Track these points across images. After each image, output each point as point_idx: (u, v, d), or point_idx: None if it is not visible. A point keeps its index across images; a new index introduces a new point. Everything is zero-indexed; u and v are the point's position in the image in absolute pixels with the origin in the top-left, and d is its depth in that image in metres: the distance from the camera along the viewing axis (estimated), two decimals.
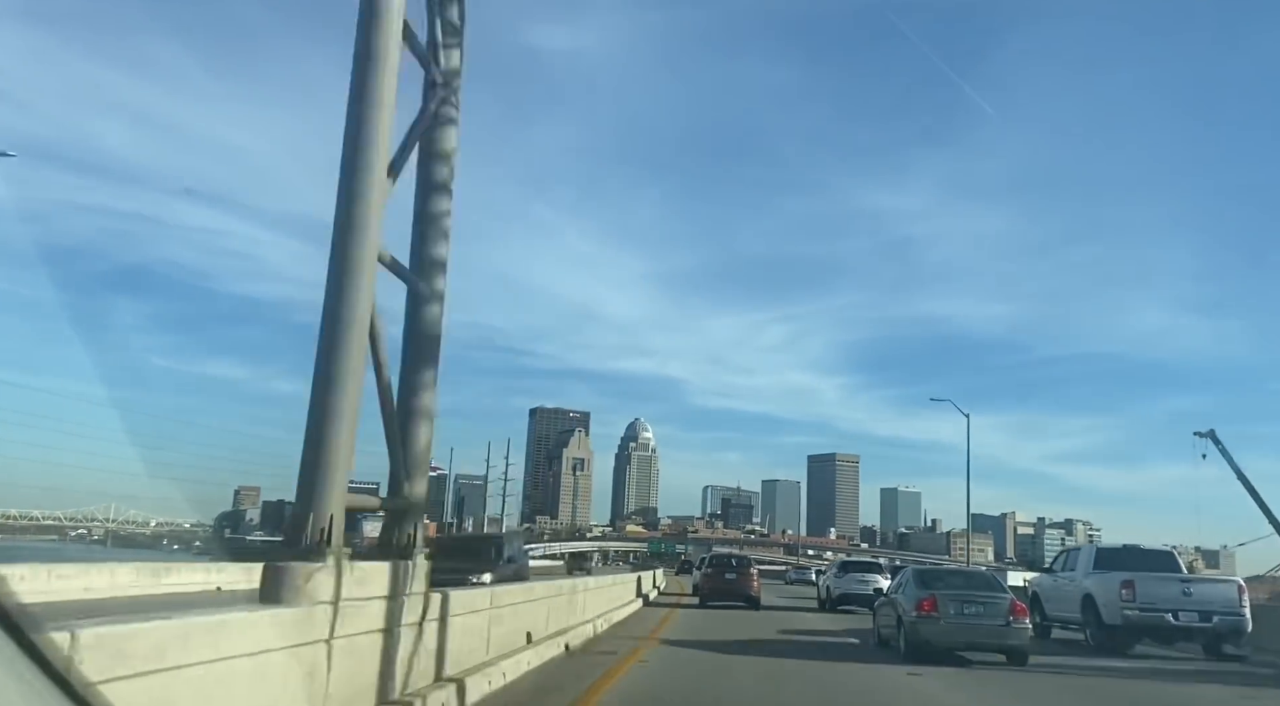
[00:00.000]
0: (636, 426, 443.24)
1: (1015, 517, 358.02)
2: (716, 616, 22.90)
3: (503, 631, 9.89)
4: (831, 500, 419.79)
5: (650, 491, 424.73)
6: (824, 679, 11.79)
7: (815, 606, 29.37)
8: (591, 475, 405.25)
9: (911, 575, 15.47)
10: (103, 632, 3.32)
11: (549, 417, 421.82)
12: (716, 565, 28.60)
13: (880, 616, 16.33)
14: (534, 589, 12.77)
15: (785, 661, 13.29)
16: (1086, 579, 17.33)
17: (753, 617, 22.92)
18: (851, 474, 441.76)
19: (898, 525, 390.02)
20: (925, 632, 13.69)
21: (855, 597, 26.22)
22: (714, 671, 11.98)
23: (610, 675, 10.79)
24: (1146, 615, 15.72)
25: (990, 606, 13.86)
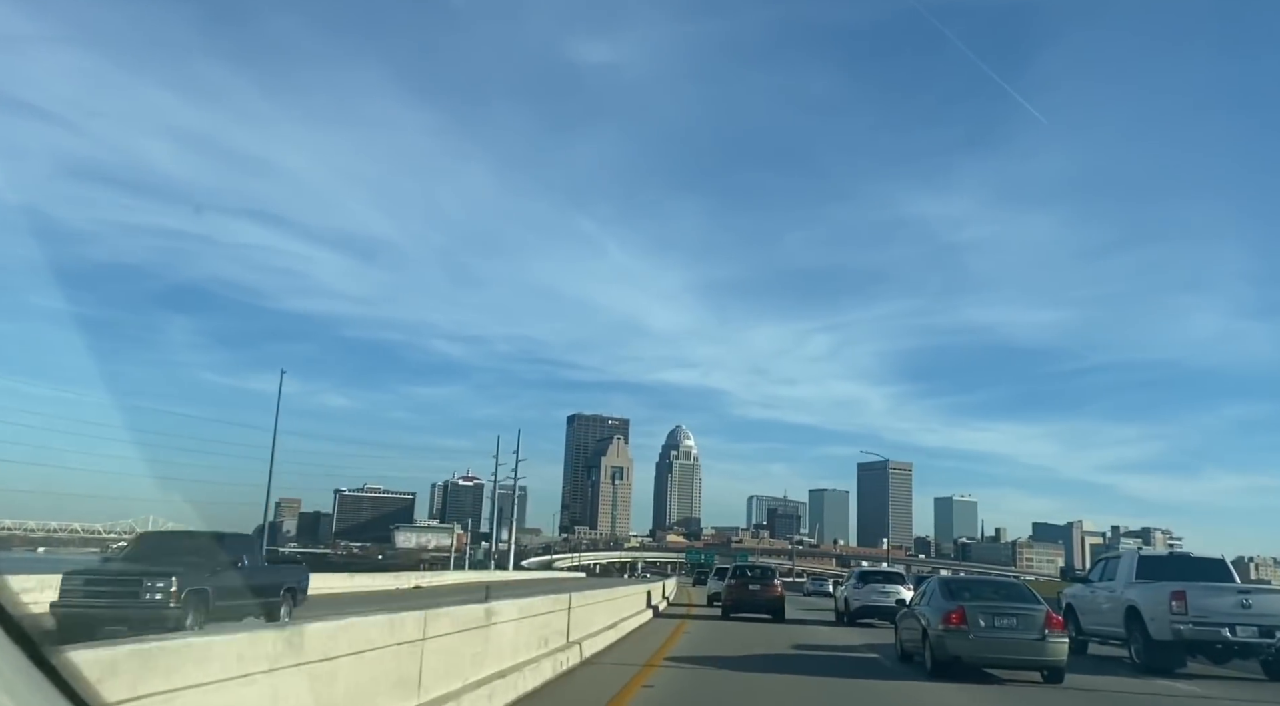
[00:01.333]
0: (678, 434, 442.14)
1: (1083, 527, 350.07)
2: (727, 630, 22.34)
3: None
4: (884, 510, 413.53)
5: (693, 501, 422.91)
6: (844, 697, 11.32)
7: (832, 619, 28.51)
8: (631, 484, 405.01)
9: (937, 585, 14.87)
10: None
11: (586, 425, 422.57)
12: (740, 576, 28.66)
13: (903, 629, 15.74)
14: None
15: (802, 678, 12.82)
16: (1129, 590, 16.29)
17: (766, 631, 22.40)
18: (905, 482, 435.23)
19: (954, 535, 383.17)
20: (953, 647, 13.12)
21: (876, 610, 25.32)
22: (727, 692, 11.58)
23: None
24: (1200, 629, 14.70)
25: (1023, 619, 13.23)
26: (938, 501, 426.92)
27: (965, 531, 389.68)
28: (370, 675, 5.81)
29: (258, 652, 4.48)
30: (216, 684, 4.06)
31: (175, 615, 13.55)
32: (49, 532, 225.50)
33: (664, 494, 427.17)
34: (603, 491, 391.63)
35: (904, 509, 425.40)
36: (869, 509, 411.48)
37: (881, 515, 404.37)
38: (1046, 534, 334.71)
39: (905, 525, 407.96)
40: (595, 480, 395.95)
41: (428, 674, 6.73)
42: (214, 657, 4.10)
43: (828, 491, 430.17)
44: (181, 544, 16.31)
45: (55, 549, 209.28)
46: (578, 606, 13.65)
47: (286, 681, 4.70)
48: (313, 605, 18.87)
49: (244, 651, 4.39)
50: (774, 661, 14.83)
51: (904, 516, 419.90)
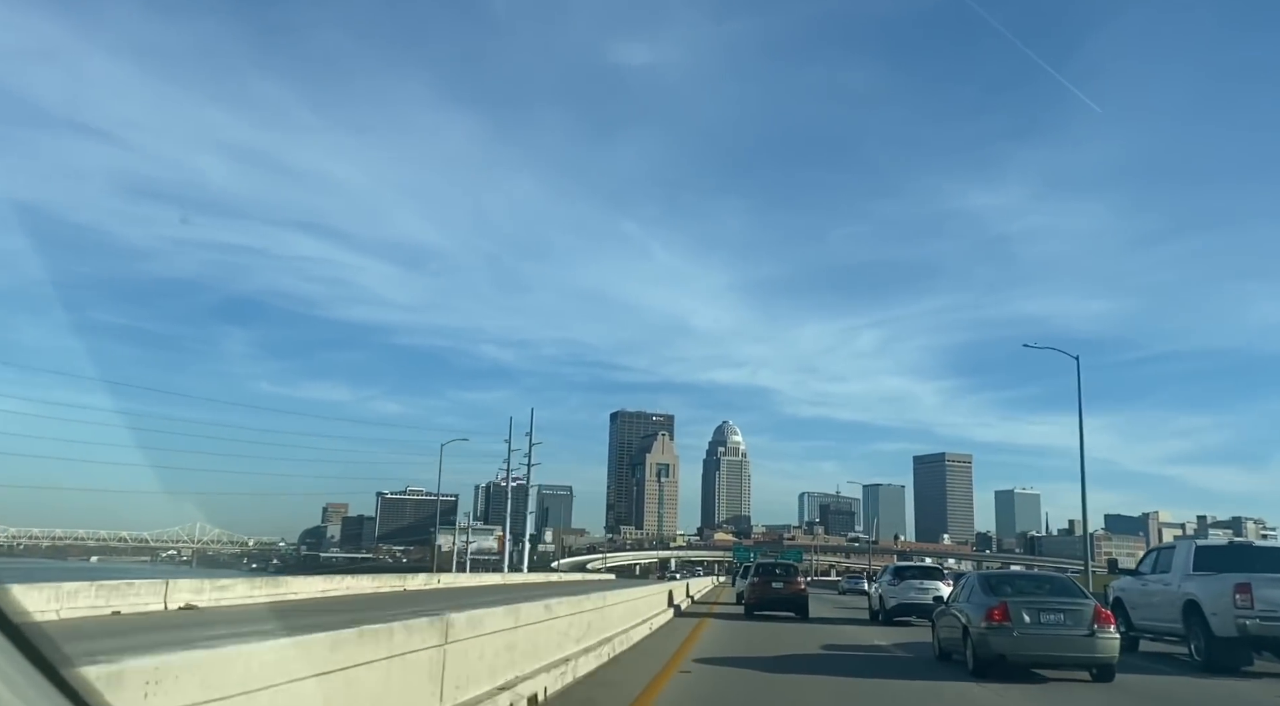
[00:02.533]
0: (725, 430, 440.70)
1: (1159, 518, 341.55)
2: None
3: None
4: (942, 504, 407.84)
5: (742, 499, 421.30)
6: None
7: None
8: (678, 482, 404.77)
9: (977, 580, 14.51)
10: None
11: (630, 422, 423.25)
12: (763, 574, 28.99)
13: (942, 627, 15.38)
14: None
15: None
16: (1187, 582, 15.58)
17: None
18: (964, 475, 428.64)
19: (1016, 530, 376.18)
20: (996, 645, 12.76)
21: (913, 607, 24.63)
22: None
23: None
24: (1268, 624, 14.01)
25: (1071, 614, 12.83)
26: (998, 495, 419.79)
27: (1028, 525, 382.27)
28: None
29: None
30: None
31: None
32: (100, 541, 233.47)
33: (712, 491, 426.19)
34: (648, 490, 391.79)
35: (963, 503, 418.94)
36: (926, 504, 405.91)
37: (939, 510, 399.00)
38: (1119, 526, 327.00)
39: (965, 520, 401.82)
40: (640, 478, 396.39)
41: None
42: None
43: (882, 487, 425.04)
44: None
45: (108, 557, 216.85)
46: (567, 613, 11.29)
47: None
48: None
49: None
50: (801, 662, 14.56)
51: (964, 511, 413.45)
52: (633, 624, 16.85)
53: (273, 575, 76.08)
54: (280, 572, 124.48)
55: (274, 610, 22.94)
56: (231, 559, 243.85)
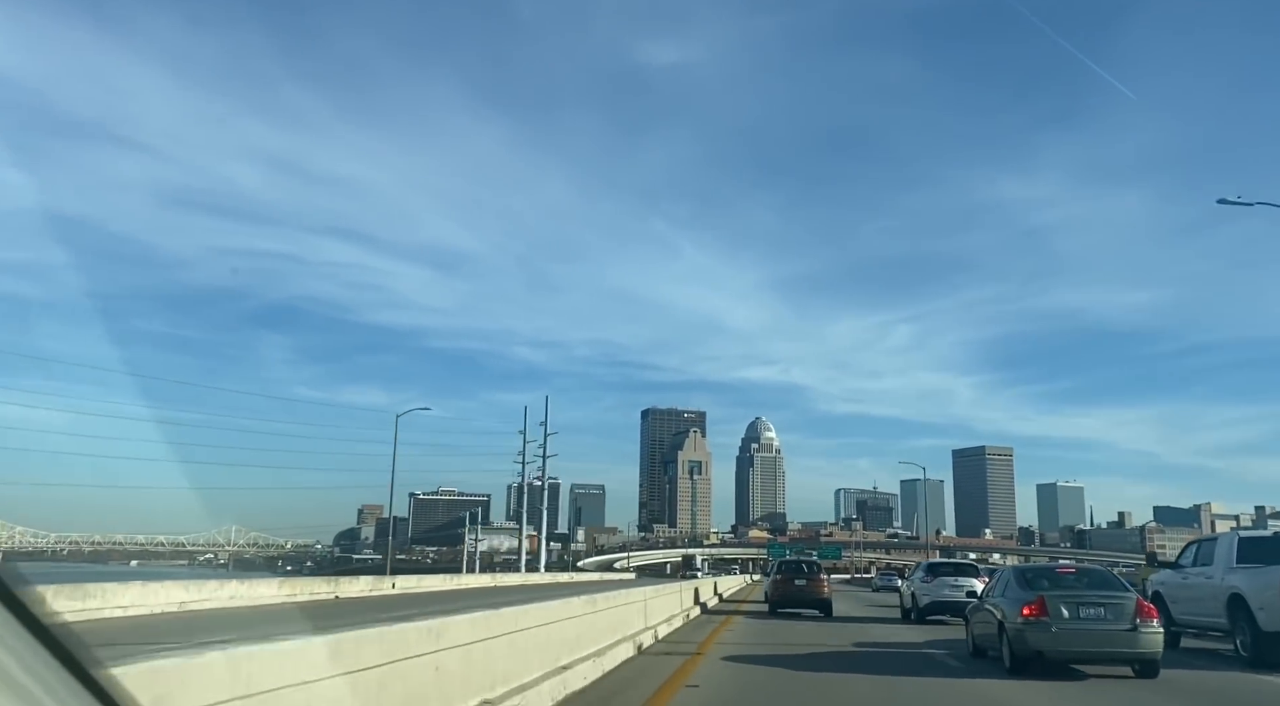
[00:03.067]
0: (758, 426, 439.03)
1: (1211, 509, 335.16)
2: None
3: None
4: (982, 499, 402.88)
5: (777, 496, 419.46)
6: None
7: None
8: (710, 479, 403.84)
9: (1012, 575, 14.13)
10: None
11: (662, 419, 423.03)
12: (786, 571, 29.46)
13: (976, 623, 15.03)
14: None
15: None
16: (1231, 576, 15.08)
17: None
18: (1005, 469, 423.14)
19: (1059, 524, 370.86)
20: (1034, 641, 12.41)
21: (948, 605, 23.87)
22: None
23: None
24: None
25: (1112, 608, 12.44)
26: (1040, 488, 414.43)
27: (1071, 520, 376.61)
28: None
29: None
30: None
31: None
32: (138, 546, 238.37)
33: (745, 489, 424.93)
34: (680, 487, 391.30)
35: (1005, 497, 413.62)
36: (966, 498, 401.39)
37: (980, 504, 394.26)
38: (1169, 518, 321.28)
39: (1006, 514, 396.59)
40: (672, 476, 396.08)
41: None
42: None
43: (920, 481, 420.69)
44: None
45: (147, 561, 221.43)
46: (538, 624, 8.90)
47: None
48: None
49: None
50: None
51: (1005, 505, 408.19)
52: (635, 631, 14.60)
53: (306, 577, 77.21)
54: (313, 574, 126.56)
55: (303, 610, 23.53)
56: (266, 562, 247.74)
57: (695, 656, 14.12)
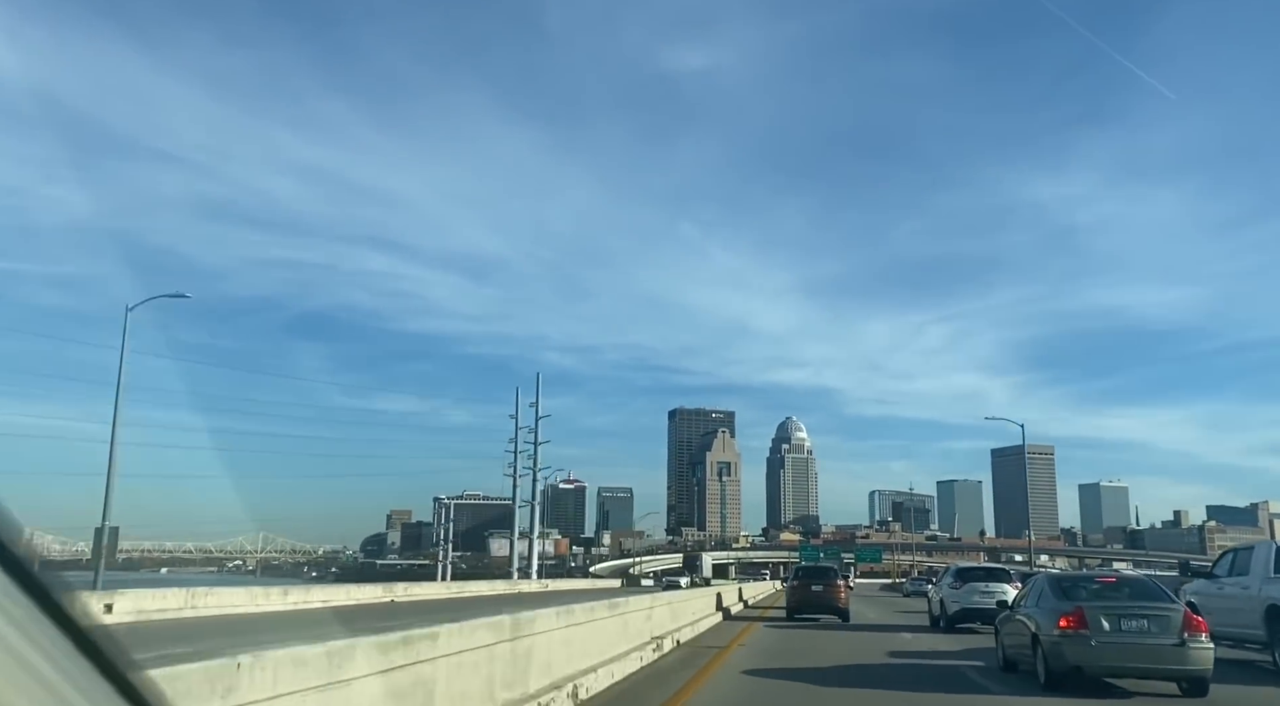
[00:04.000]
0: (789, 426, 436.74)
1: (1269, 508, 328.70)
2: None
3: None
4: (1022, 499, 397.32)
5: (809, 498, 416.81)
6: None
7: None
8: (740, 481, 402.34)
9: (1047, 583, 13.38)
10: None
11: (689, 420, 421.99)
12: (803, 577, 30.35)
13: (1007, 634, 14.29)
14: None
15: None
16: (1270, 586, 14.74)
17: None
18: (1046, 469, 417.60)
19: (1102, 524, 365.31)
20: (1072, 655, 11.68)
21: (978, 613, 23.18)
22: None
23: None
24: None
25: (1157, 620, 11.68)
26: (1083, 489, 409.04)
27: (1116, 520, 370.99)
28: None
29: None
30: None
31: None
32: (168, 553, 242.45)
33: (777, 491, 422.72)
34: (709, 490, 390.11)
35: (1046, 498, 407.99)
36: (1006, 499, 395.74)
37: (1020, 505, 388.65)
38: (1224, 518, 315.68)
39: (1049, 515, 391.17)
40: (700, 478, 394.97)
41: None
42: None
43: (958, 483, 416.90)
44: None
45: (177, 568, 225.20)
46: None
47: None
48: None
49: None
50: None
51: (1047, 506, 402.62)
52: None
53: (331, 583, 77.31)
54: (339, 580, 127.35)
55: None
56: (293, 568, 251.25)
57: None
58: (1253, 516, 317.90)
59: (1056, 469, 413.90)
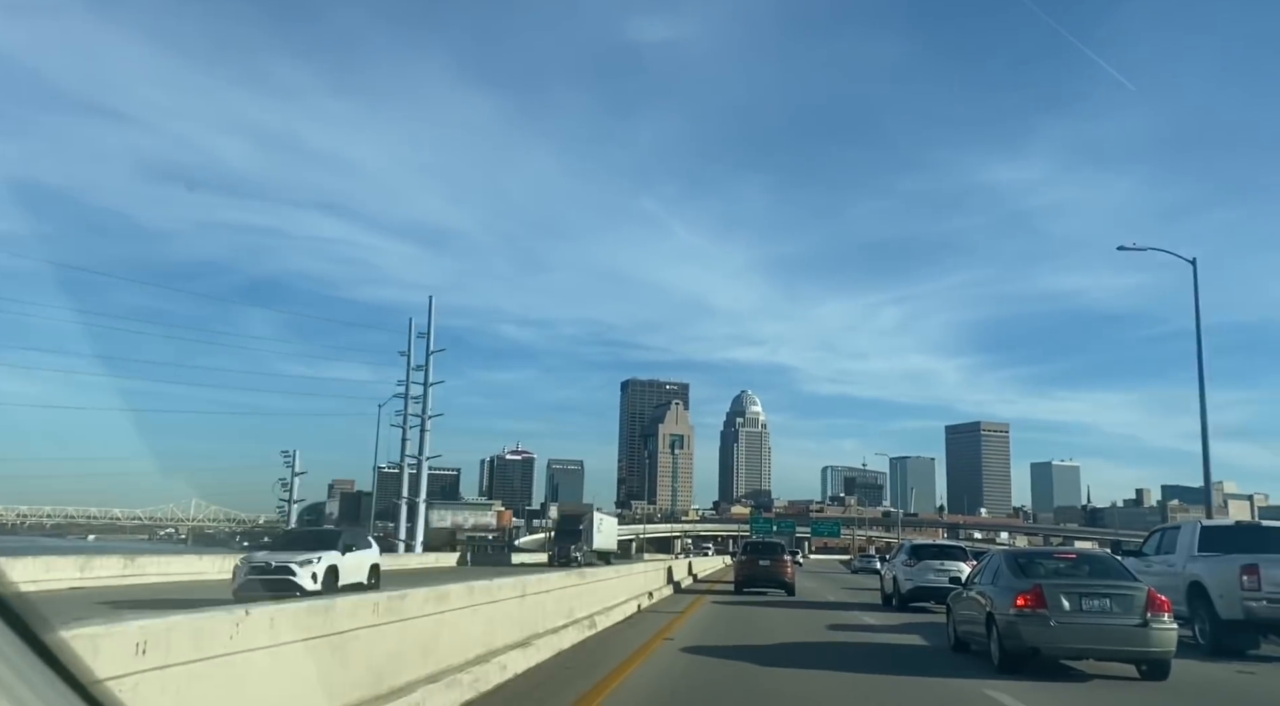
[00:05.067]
0: (743, 400, 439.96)
1: (1224, 489, 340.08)
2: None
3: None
4: (976, 477, 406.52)
5: (762, 472, 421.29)
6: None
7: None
8: (693, 454, 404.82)
9: (1004, 559, 12.97)
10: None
11: (642, 391, 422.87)
12: (751, 553, 32.01)
13: (960, 613, 13.91)
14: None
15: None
16: (1192, 564, 15.66)
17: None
18: (1000, 447, 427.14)
19: (1053, 503, 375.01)
20: (1029, 635, 11.24)
21: (933, 591, 23.21)
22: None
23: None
24: (1277, 607, 14.05)
25: (1119, 600, 11.30)
26: (1035, 467, 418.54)
27: (1066, 500, 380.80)
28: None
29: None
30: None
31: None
32: (90, 519, 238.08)
33: (730, 464, 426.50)
34: (661, 462, 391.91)
35: (1000, 476, 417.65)
36: (959, 476, 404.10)
37: (974, 483, 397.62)
38: (1180, 497, 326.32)
39: (1001, 493, 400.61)
40: (652, 450, 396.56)
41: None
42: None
43: (911, 459, 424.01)
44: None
45: (105, 536, 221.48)
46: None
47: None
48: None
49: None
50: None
51: (1001, 484, 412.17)
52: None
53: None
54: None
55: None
56: (227, 537, 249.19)
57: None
58: (1205, 497, 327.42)
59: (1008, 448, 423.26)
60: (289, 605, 5.75)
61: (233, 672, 4.71)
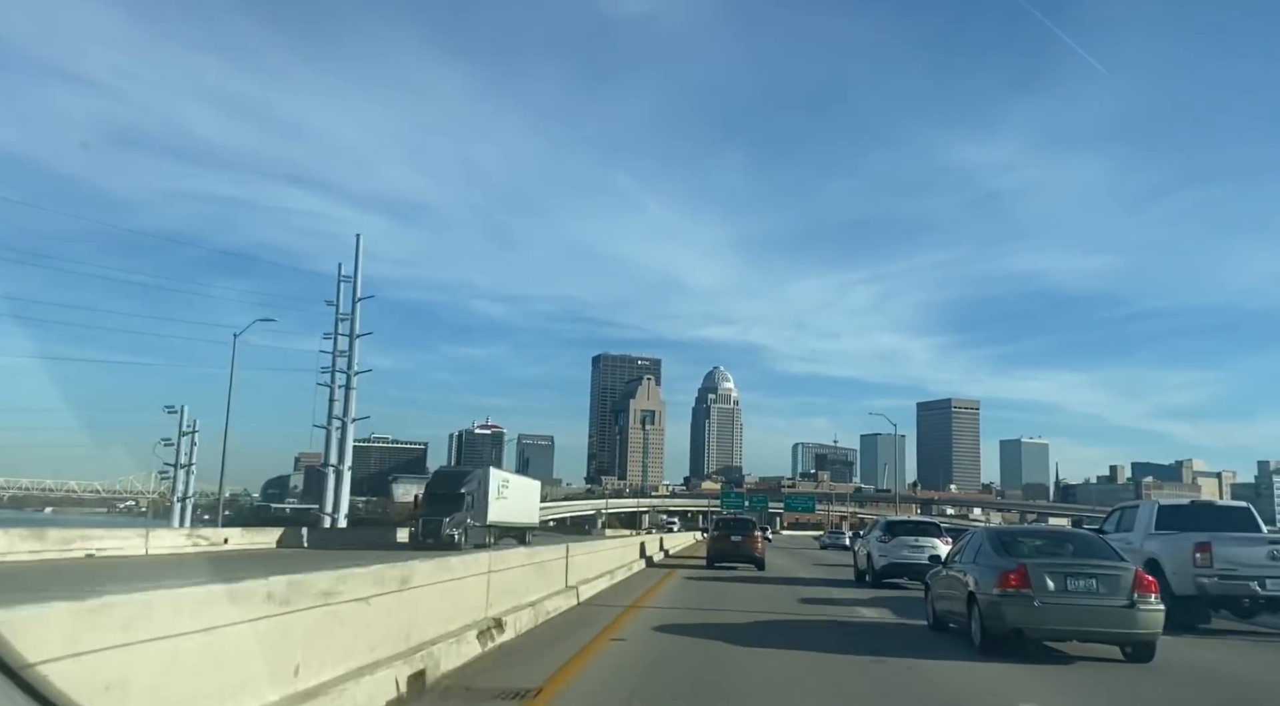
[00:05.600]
0: (716, 376, 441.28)
1: (1193, 466, 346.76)
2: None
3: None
4: (946, 454, 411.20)
5: (734, 449, 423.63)
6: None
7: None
8: (664, 429, 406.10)
9: (986, 537, 12.67)
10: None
11: (614, 366, 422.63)
12: (723, 529, 33.20)
13: (938, 592, 13.63)
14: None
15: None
16: (1149, 541, 16.23)
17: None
18: (970, 424, 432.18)
19: (1021, 481, 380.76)
20: (1012, 616, 10.94)
21: (908, 568, 23.21)
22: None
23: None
24: (1227, 583, 14.71)
25: (1106, 580, 11.02)
26: (1004, 445, 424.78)
27: (1035, 477, 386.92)
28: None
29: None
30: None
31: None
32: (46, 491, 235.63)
33: (701, 440, 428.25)
34: (631, 438, 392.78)
35: (970, 453, 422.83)
36: (930, 453, 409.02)
37: (944, 459, 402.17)
38: (1151, 474, 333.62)
39: (971, 470, 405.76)
40: (623, 426, 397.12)
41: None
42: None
43: (881, 436, 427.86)
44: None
45: (64, 509, 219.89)
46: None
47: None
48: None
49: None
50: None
51: (970, 461, 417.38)
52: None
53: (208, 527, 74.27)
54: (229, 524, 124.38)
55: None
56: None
57: None
58: (1177, 473, 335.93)
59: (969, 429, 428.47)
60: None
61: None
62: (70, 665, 3.67)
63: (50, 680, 3.44)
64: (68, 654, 3.68)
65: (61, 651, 3.64)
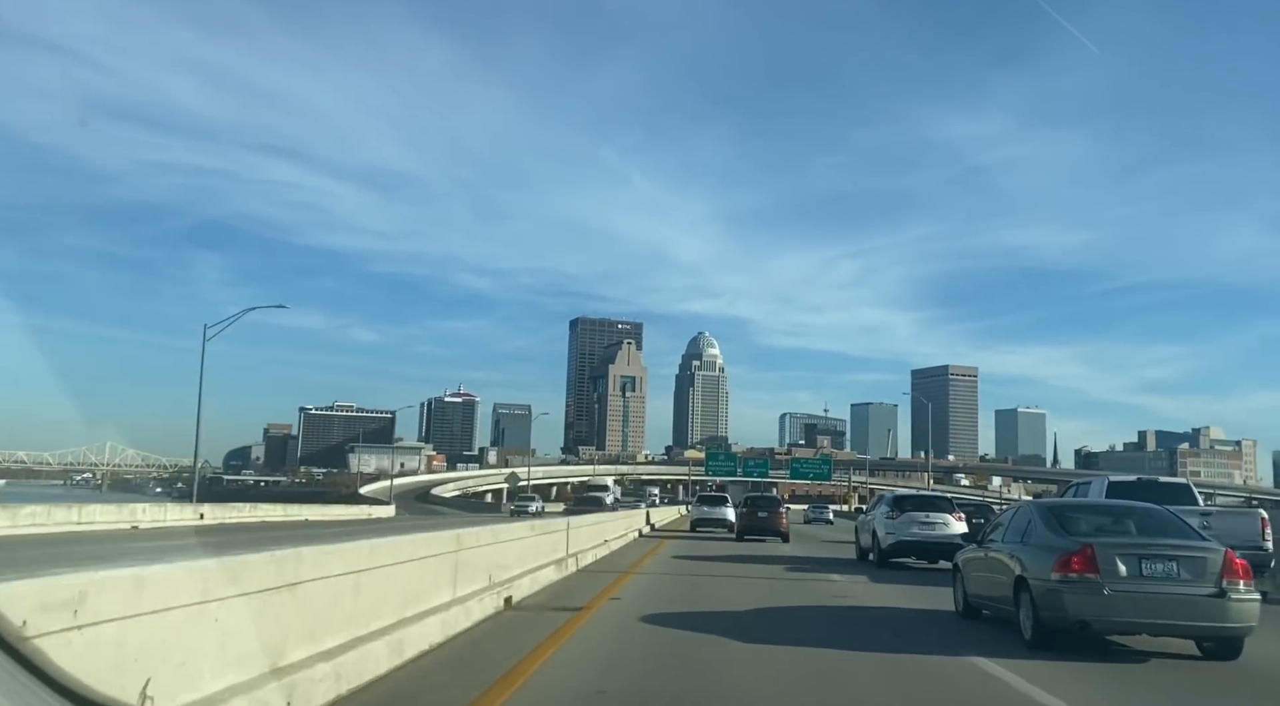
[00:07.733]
0: (700, 342, 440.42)
1: (1210, 433, 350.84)
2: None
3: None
4: (943, 423, 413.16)
5: (719, 418, 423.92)
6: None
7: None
8: (645, 397, 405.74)
9: (1037, 512, 11.12)
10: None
11: (592, 330, 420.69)
12: (750, 505, 36.05)
13: (973, 574, 12.25)
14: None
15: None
16: None
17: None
18: (968, 392, 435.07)
19: (1018, 451, 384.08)
20: (1076, 606, 9.44)
21: (916, 546, 22.23)
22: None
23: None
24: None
25: (1190, 563, 9.57)
26: (999, 415, 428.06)
27: (1031, 448, 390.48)
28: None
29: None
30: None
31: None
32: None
33: (685, 409, 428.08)
34: (611, 405, 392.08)
35: (968, 422, 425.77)
36: (924, 423, 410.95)
37: (940, 429, 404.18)
38: (1170, 442, 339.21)
39: (969, 441, 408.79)
40: (602, 393, 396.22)
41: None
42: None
43: (873, 406, 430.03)
44: None
45: (19, 481, 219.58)
46: None
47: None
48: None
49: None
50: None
51: (967, 431, 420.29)
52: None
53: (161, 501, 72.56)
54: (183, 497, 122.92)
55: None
56: (142, 482, 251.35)
57: None
58: (1195, 441, 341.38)
59: (963, 399, 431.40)
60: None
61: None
62: (71, 636, 3.77)
63: (47, 653, 3.54)
64: (68, 626, 3.77)
65: (61, 624, 3.75)
